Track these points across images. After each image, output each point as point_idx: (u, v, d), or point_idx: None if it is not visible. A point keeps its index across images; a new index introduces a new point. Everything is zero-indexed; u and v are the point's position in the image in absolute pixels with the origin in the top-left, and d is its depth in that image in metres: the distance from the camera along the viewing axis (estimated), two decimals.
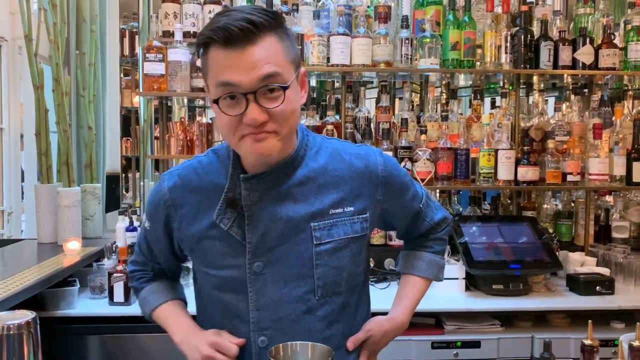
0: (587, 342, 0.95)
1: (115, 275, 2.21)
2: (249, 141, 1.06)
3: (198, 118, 3.35)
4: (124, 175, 3.57)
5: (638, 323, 0.93)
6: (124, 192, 3.55)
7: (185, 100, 3.20)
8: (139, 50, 2.95)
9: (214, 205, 1.14)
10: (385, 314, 1.35)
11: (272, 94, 1.03)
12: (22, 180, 3.75)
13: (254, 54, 0.99)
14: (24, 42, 3.01)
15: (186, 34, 2.50)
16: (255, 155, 1.08)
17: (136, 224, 2.70)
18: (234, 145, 1.10)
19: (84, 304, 2.26)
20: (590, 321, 1.00)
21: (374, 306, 1.37)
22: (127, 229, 2.64)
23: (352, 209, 1.18)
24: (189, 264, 1.46)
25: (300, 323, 1.14)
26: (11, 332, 0.97)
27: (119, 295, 2.21)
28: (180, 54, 2.42)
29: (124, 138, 3.53)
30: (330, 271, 1.16)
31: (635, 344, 0.89)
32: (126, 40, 3.39)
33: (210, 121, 2.69)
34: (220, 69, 1.01)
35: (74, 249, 2.40)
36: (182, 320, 1.27)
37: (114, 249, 2.47)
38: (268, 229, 1.13)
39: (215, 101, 1.04)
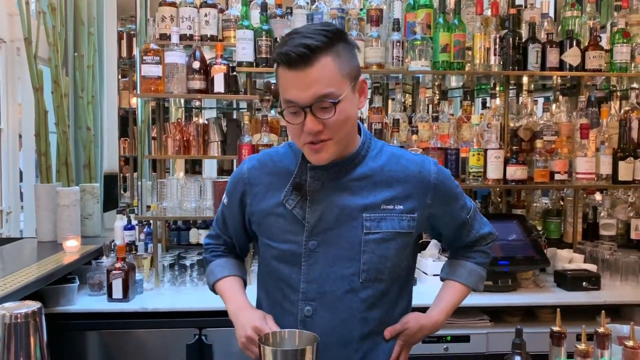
0: (556, 329, 1.01)
1: (114, 272, 2.27)
2: (307, 150, 1.25)
3: (194, 119, 3.39)
4: (121, 175, 3.62)
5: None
6: (121, 191, 3.60)
7: (182, 102, 3.25)
8: (136, 52, 3.00)
9: (282, 187, 1.32)
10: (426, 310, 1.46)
11: (326, 107, 1.18)
12: (21, 180, 3.79)
13: (309, 75, 1.15)
14: (22, 44, 3.06)
15: (182, 37, 2.55)
16: (314, 161, 1.27)
17: (134, 222, 2.76)
18: (299, 147, 1.29)
19: (83, 301, 2.31)
20: (558, 310, 1.07)
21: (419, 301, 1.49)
22: (125, 228, 2.70)
23: (401, 207, 1.31)
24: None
25: (343, 300, 1.28)
26: (18, 321, 1.03)
27: (117, 292, 2.26)
28: (176, 56, 2.47)
29: (121, 138, 3.58)
30: (375, 258, 1.29)
31: (600, 330, 0.96)
32: (124, 43, 3.44)
33: (206, 122, 2.74)
34: (284, 87, 1.20)
35: (73, 247, 2.46)
36: (238, 295, 1.41)
37: (112, 247, 2.53)
38: (325, 213, 1.29)
39: (281, 112, 1.24)
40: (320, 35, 1.16)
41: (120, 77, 3.49)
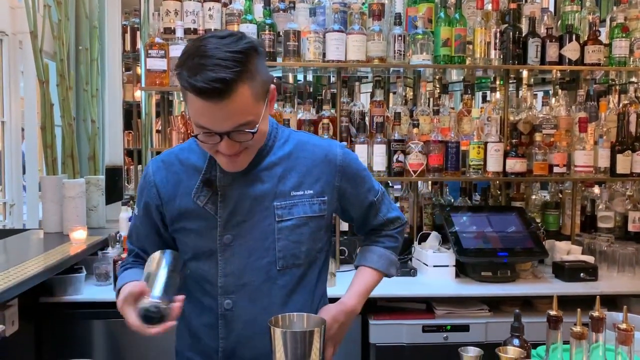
0: (553, 313, 1.06)
1: (120, 262, 2.30)
2: (222, 159, 1.23)
3: None
4: (125, 167, 3.65)
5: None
6: (125, 184, 3.64)
7: None
8: (140, 45, 3.03)
9: (192, 184, 1.31)
10: None
11: (243, 132, 1.16)
12: (23, 173, 3.82)
13: (225, 108, 1.11)
14: (24, 37, 3.09)
15: (187, 31, 2.58)
16: (228, 170, 1.26)
17: None
18: (211, 153, 1.25)
19: (90, 290, 2.36)
20: (555, 295, 1.11)
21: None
22: (130, 219, 2.73)
23: (311, 191, 1.33)
24: None
25: (262, 290, 1.31)
26: None
27: None
28: (181, 50, 2.49)
29: (125, 131, 3.61)
30: (290, 245, 1.32)
31: (595, 314, 1.00)
32: (127, 36, 3.46)
33: None
34: (197, 114, 1.14)
35: (80, 238, 2.49)
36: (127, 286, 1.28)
37: (117, 238, 2.57)
38: (237, 206, 1.29)
39: (195, 135, 1.19)
40: (234, 62, 1.09)
41: (124, 70, 3.52)
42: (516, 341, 1.19)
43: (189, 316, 1.37)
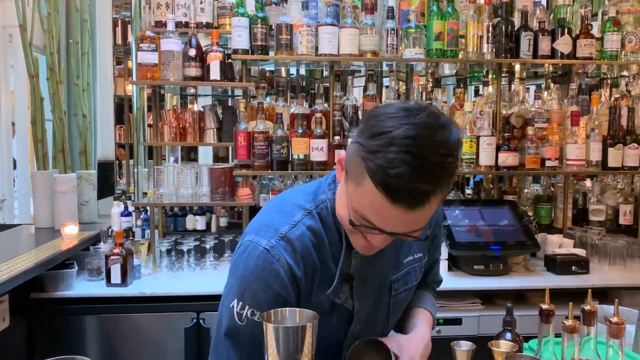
0: (545, 306, 1.06)
1: (112, 257, 2.30)
2: (360, 242, 1.04)
3: (190, 106, 3.41)
4: (117, 162, 3.63)
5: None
6: (117, 178, 3.62)
7: (178, 89, 3.26)
8: (131, 39, 3.01)
9: (326, 277, 1.11)
10: None
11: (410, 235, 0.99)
12: (14, 168, 3.80)
13: (413, 218, 0.93)
14: (13, 30, 3.05)
15: (178, 24, 2.56)
16: (360, 252, 1.08)
17: (131, 209, 2.78)
18: (345, 228, 1.07)
19: (82, 286, 2.35)
20: (547, 288, 1.11)
21: None
22: (122, 214, 2.72)
23: (420, 254, 1.23)
24: None
25: None
26: None
27: (116, 277, 2.30)
28: (172, 43, 2.49)
29: (117, 125, 3.59)
30: (399, 315, 1.28)
31: (587, 308, 1.00)
32: (118, 30, 3.43)
33: (201, 109, 2.76)
34: (372, 210, 0.95)
35: (71, 233, 2.48)
36: None
37: (110, 233, 2.56)
38: (369, 293, 1.15)
39: (353, 224, 0.99)
40: (446, 172, 0.91)
41: (115, 64, 3.49)
42: (508, 335, 1.20)
43: None
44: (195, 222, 2.86)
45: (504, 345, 1.10)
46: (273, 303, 1.04)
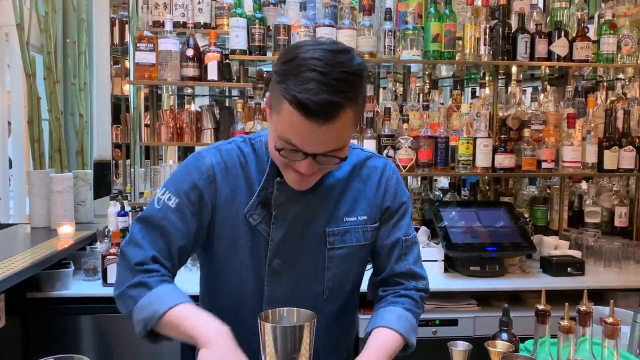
0: (541, 307, 1.07)
1: (108, 257, 2.29)
2: (292, 176, 1.12)
3: (187, 106, 3.41)
4: (114, 161, 3.63)
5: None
6: (114, 178, 3.61)
7: (175, 89, 3.26)
8: (129, 39, 3.01)
9: (245, 197, 1.19)
10: None
11: (329, 156, 1.07)
12: (10, 167, 3.79)
13: (327, 132, 1.02)
14: (10, 30, 3.05)
15: (176, 24, 2.57)
16: (295, 188, 1.15)
17: (127, 209, 2.78)
18: (279, 166, 1.15)
19: (78, 286, 2.34)
20: (543, 289, 1.12)
21: None
22: (119, 214, 2.72)
23: (364, 217, 1.25)
24: None
25: None
26: None
27: (112, 277, 2.29)
28: (170, 43, 2.49)
29: (114, 125, 3.58)
30: (340, 274, 1.25)
31: (583, 308, 1.01)
32: (116, 30, 3.43)
33: (199, 109, 2.76)
34: (291, 130, 1.03)
35: (67, 233, 2.47)
36: (215, 320, 1.10)
37: (106, 232, 2.55)
38: (290, 229, 1.19)
39: (278, 149, 1.07)
40: (348, 86, 1.01)
41: (112, 63, 3.49)
42: (505, 335, 1.20)
43: None
44: None
45: (500, 346, 1.10)
46: (189, 191, 1.17)
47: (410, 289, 1.30)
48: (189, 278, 2.46)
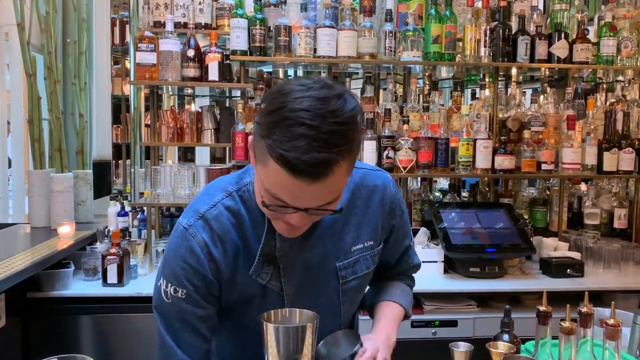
0: (542, 308, 1.07)
1: (108, 257, 2.29)
2: (282, 226, 1.04)
3: (187, 106, 3.41)
4: (114, 162, 3.63)
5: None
6: (114, 178, 3.61)
7: (175, 89, 3.26)
8: (129, 39, 3.01)
9: (246, 257, 1.11)
10: None
11: (323, 210, 0.99)
12: (9, 167, 3.79)
13: (318, 189, 0.92)
14: (10, 29, 3.05)
15: (177, 25, 2.57)
16: (285, 236, 1.08)
17: (127, 209, 2.78)
18: (266, 214, 1.07)
19: (78, 285, 2.34)
20: (545, 291, 1.12)
21: None
22: (119, 214, 2.72)
23: (371, 242, 1.22)
24: None
25: None
26: None
27: (112, 277, 2.29)
28: (171, 44, 2.49)
29: (114, 125, 3.59)
30: (354, 303, 1.28)
31: (584, 310, 1.01)
32: (116, 29, 3.43)
33: (199, 109, 2.76)
34: (278, 187, 0.94)
35: (67, 233, 2.48)
36: None
37: (106, 233, 2.55)
38: (303, 278, 1.15)
39: (265, 205, 0.99)
40: (340, 138, 0.90)
41: (112, 64, 3.49)
42: (506, 336, 1.20)
43: None
44: None
45: (501, 347, 1.11)
46: (192, 279, 1.08)
47: (411, 275, 1.43)
48: None
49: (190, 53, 2.52)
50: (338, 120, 0.90)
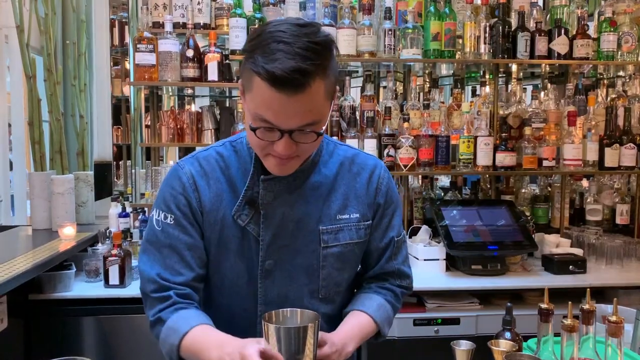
0: (544, 306, 1.06)
1: (110, 259, 2.29)
2: (272, 161, 1.12)
3: (187, 107, 3.41)
4: (114, 163, 3.63)
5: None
6: (115, 179, 3.61)
7: (175, 90, 3.26)
8: (128, 40, 3.01)
9: (231, 199, 1.19)
10: None
11: (307, 132, 1.07)
12: (11, 169, 3.79)
13: (298, 102, 1.01)
14: (9, 31, 3.05)
15: (176, 25, 2.57)
16: (276, 173, 1.15)
17: (128, 210, 2.78)
18: (259, 155, 1.15)
19: (80, 287, 2.34)
20: (546, 288, 1.12)
21: None
22: (120, 215, 2.72)
23: (357, 215, 1.25)
24: None
25: None
26: None
27: (114, 278, 2.29)
28: (170, 44, 2.49)
29: (114, 126, 3.59)
30: (334, 272, 1.25)
31: (586, 307, 1.01)
32: (116, 30, 3.43)
33: (199, 110, 2.76)
34: (263, 105, 1.03)
35: (69, 235, 2.48)
36: (218, 335, 1.13)
37: (107, 234, 2.55)
38: (280, 228, 1.19)
39: (253, 129, 1.07)
40: (315, 54, 1.00)
41: (112, 64, 3.49)
42: (508, 334, 1.20)
43: None
44: None
45: (503, 345, 1.10)
46: (178, 204, 1.19)
47: (394, 285, 1.35)
48: None
49: (190, 53, 2.51)
50: (312, 40, 1.01)
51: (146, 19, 2.64)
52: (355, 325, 1.24)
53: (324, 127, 1.09)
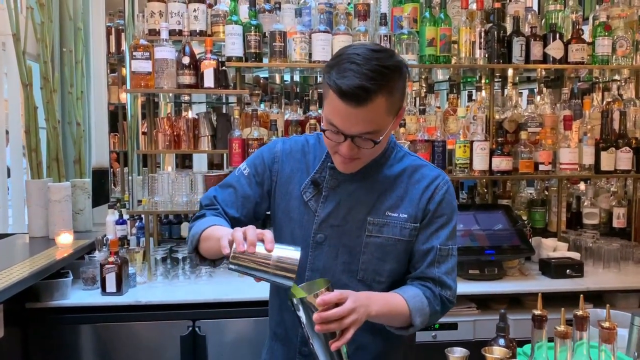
0: (537, 312, 1.07)
1: (107, 266, 2.29)
2: (338, 159, 1.32)
3: (184, 113, 3.41)
4: (111, 170, 3.63)
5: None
6: (112, 186, 3.61)
7: (172, 96, 3.27)
8: (125, 47, 3.01)
9: (304, 178, 1.42)
10: None
11: (365, 139, 1.24)
12: (8, 177, 3.78)
13: (360, 114, 1.19)
14: (7, 39, 3.04)
15: (172, 32, 2.57)
16: (340, 170, 1.35)
17: (125, 217, 2.78)
18: (330, 152, 1.36)
19: (77, 295, 2.34)
20: (540, 294, 1.12)
21: None
22: (117, 222, 2.72)
23: (405, 215, 1.37)
24: None
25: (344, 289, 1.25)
26: None
27: (111, 286, 2.29)
28: (166, 52, 2.49)
29: (111, 133, 3.59)
30: (374, 260, 1.37)
31: (579, 313, 1.01)
32: (112, 38, 3.43)
33: (196, 116, 2.77)
34: (332, 112, 1.23)
35: (66, 242, 2.48)
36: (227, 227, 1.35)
37: (104, 241, 2.55)
38: (335, 209, 1.37)
39: (323, 130, 1.28)
40: (380, 75, 1.17)
41: (109, 72, 3.49)
42: (502, 341, 1.20)
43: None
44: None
45: (497, 352, 1.10)
46: (257, 167, 1.46)
47: (435, 291, 1.37)
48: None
49: (186, 60, 2.52)
50: (380, 64, 1.18)
51: (142, 27, 2.64)
52: (387, 296, 1.34)
53: (381, 137, 1.25)
